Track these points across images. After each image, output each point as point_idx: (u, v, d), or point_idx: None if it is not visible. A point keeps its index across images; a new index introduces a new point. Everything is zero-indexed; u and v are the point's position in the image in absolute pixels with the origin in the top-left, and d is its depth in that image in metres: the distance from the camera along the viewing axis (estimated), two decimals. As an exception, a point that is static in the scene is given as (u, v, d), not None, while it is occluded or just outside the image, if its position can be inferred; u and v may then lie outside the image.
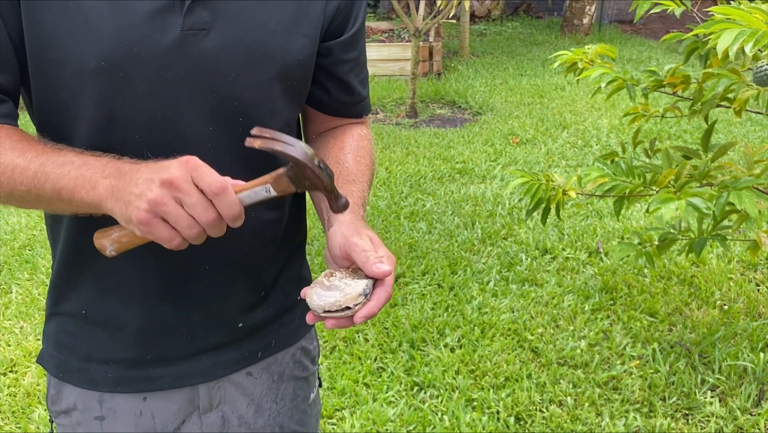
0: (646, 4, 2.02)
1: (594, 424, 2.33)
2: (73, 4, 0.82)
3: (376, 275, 0.85)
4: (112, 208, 0.77)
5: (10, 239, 3.77)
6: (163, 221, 0.74)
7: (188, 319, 0.99)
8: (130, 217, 0.75)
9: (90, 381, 1.00)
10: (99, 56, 0.83)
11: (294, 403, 1.14)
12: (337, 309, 0.83)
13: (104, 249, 0.83)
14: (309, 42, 0.95)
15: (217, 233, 0.78)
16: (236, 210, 0.76)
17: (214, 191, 0.74)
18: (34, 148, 0.83)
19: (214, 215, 0.75)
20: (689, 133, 5.39)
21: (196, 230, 0.75)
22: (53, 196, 0.80)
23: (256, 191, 0.80)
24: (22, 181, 0.81)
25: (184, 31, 0.85)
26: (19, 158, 0.82)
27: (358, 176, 1.01)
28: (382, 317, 2.93)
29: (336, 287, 0.84)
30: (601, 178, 1.87)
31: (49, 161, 0.81)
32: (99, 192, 0.77)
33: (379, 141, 5.34)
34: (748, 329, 2.79)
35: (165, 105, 0.87)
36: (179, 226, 0.74)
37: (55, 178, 0.79)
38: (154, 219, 0.74)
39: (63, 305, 1.00)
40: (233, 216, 0.77)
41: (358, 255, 0.86)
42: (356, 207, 0.95)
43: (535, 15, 12.22)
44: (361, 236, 0.88)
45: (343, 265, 0.90)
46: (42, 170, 0.80)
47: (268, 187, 0.80)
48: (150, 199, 0.73)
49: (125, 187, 0.75)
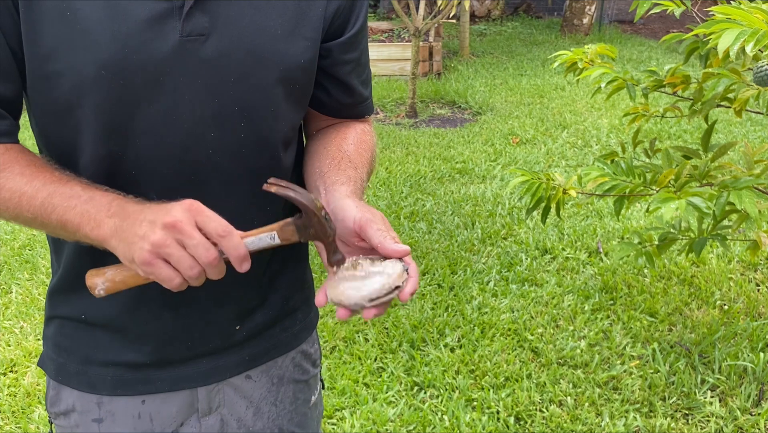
0: (646, 4, 2.02)
1: (594, 424, 2.33)
2: (70, 14, 0.81)
3: (398, 254, 0.83)
4: (116, 247, 0.80)
5: (10, 239, 3.77)
6: (165, 262, 0.77)
7: (188, 323, 0.99)
8: (133, 257, 0.77)
9: (89, 384, 1.00)
10: (98, 65, 0.82)
11: (294, 406, 1.14)
12: (386, 293, 0.81)
13: (94, 288, 0.85)
14: (310, 45, 0.93)
15: (217, 275, 0.80)
16: (242, 251, 0.79)
17: (220, 234, 0.78)
18: (41, 175, 0.84)
19: (214, 255, 0.78)
20: (689, 133, 5.39)
21: (197, 271, 0.78)
22: (58, 226, 0.83)
23: (260, 238, 0.83)
24: (28, 209, 0.83)
25: (183, 37, 0.84)
26: (27, 186, 0.83)
27: (358, 164, 1.00)
28: (382, 317, 2.93)
29: (374, 273, 0.83)
30: (601, 177, 1.87)
31: (57, 193, 0.82)
32: (104, 231, 0.80)
33: (379, 141, 5.34)
34: (748, 329, 2.79)
35: (165, 111, 0.86)
36: (181, 267, 0.77)
37: (62, 211, 0.82)
38: (156, 260, 0.77)
39: (63, 309, 1.00)
40: (239, 257, 0.79)
41: (374, 233, 0.84)
42: (359, 191, 0.94)
43: (535, 15, 12.22)
44: (374, 214, 0.87)
45: (349, 241, 0.88)
46: (49, 201, 0.82)
47: (273, 235, 0.84)
48: (153, 241, 0.76)
49: (129, 228, 0.78)
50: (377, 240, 0.84)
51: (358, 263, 0.85)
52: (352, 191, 0.92)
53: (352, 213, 0.87)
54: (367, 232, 0.85)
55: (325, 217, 0.83)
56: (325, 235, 0.84)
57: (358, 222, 0.86)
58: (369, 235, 0.85)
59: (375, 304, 0.81)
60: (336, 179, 0.94)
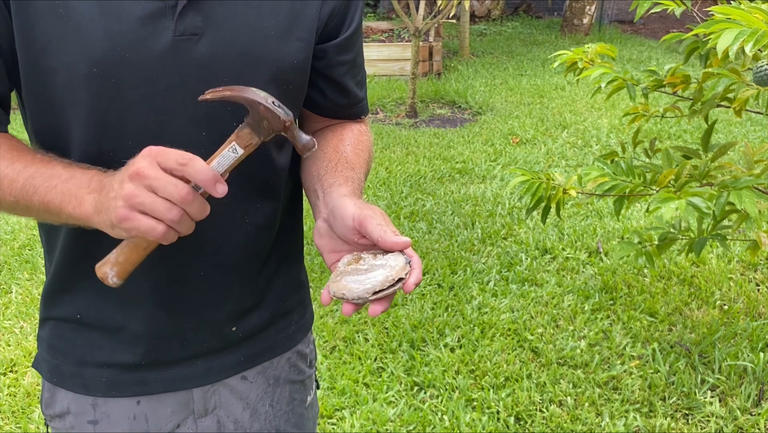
0: (646, 3, 2.02)
1: (594, 424, 2.33)
2: (63, 11, 0.81)
3: (399, 246, 0.83)
4: (99, 222, 0.78)
5: (10, 239, 3.77)
6: (142, 213, 0.75)
7: (183, 324, 0.99)
8: (111, 220, 0.76)
9: (83, 386, 1.00)
10: (90, 62, 0.82)
11: (290, 406, 1.14)
12: (390, 285, 0.80)
13: (106, 277, 0.83)
14: (304, 45, 0.93)
15: (199, 212, 0.78)
16: (210, 173, 0.76)
17: (181, 163, 0.75)
18: (23, 158, 0.84)
19: (185, 190, 0.75)
20: (689, 133, 5.39)
21: (176, 212, 0.75)
22: (41, 209, 0.82)
23: (223, 155, 0.81)
24: (10, 192, 0.83)
25: (176, 37, 0.84)
26: (8, 168, 0.83)
27: (356, 165, 1.00)
28: (382, 317, 2.92)
29: (377, 266, 0.82)
30: (601, 177, 1.87)
31: (38, 173, 0.82)
32: (86, 208, 0.79)
33: (379, 141, 5.34)
34: (748, 329, 2.79)
35: (158, 111, 0.86)
36: (157, 212, 0.75)
37: (43, 191, 0.81)
38: (132, 213, 0.75)
39: (57, 310, 1.00)
40: (209, 180, 0.76)
41: (374, 228, 0.83)
42: (357, 191, 0.93)
43: (535, 15, 12.22)
44: (373, 210, 0.86)
45: (349, 239, 0.87)
46: (30, 183, 0.81)
47: (234, 146, 0.81)
48: (123, 195, 0.74)
49: (104, 197, 0.77)
50: (377, 234, 0.83)
51: (360, 257, 0.85)
52: (350, 191, 0.92)
53: (350, 210, 0.86)
54: (366, 227, 0.84)
55: (274, 103, 0.81)
56: (279, 121, 0.81)
57: (357, 218, 0.85)
58: (369, 230, 0.84)
59: (379, 297, 0.80)
60: (333, 181, 0.94)
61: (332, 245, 0.90)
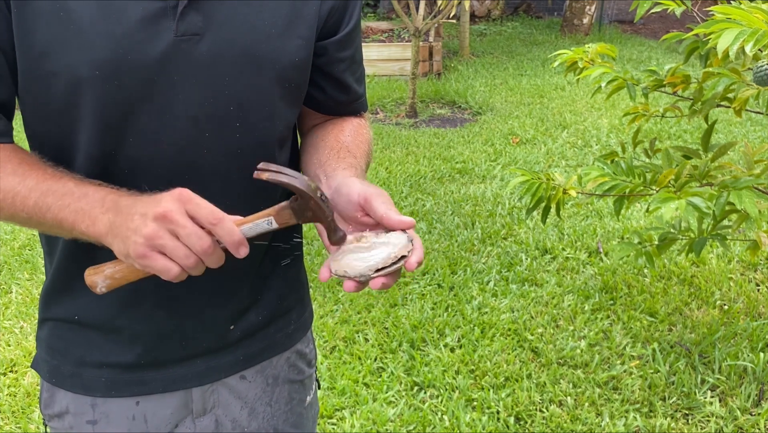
0: (647, 3, 2.02)
1: (594, 424, 2.33)
2: (64, 14, 0.81)
3: (403, 225, 0.83)
4: (111, 243, 0.79)
5: (10, 238, 3.77)
6: (161, 254, 0.77)
7: (182, 323, 0.99)
8: (129, 252, 0.77)
9: (83, 386, 1.00)
10: (92, 65, 0.82)
11: (289, 406, 1.13)
12: (392, 262, 0.80)
13: (95, 286, 0.84)
14: (304, 44, 0.93)
15: (216, 262, 0.80)
16: (237, 237, 0.78)
17: (212, 222, 0.77)
18: (34, 173, 0.84)
19: (208, 243, 0.77)
20: (689, 133, 5.39)
21: (193, 260, 0.77)
22: (54, 225, 0.83)
23: (257, 224, 0.82)
24: (23, 209, 0.83)
25: (178, 37, 0.84)
26: (20, 185, 0.83)
27: (357, 154, 1.00)
28: (382, 317, 2.93)
29: (380, 244, 0.82)
30: (601, 177, 1.87)
31: (50, 191, 0.82)
32: (99, 228, 0.80)
33: (379, 141, 5.34)
34: (748, 329, 2.79)
35: (159, 111, 0.86)
36: (176, 257, 0.77)
37: (56, 209, 0.81)
38: (151, 252, 0.76)
39: (56, 310, 1.00)
40: (234, 243, 0.78)
41: (378, 206, 0.84)
42: (361, 175, 0.94)
43: (535, 15, 12.22)
44: (379, 190, 0.87)
45: (352, 216, 0.87)
46: (43, 200, 0.82)
47: (270, 220, 0.82)
48: (146, 234, 0.75)
49: (122, 223, 0.78)
50: (382, 211, 0.83)
51: (362, 236, 0.85)
52: (354, 174, 0.92)
53: (356, 187, 0.87)
54: (371, 204, 0.85)
55: (322, 198, 0.82)
56: (323, 216, 0.82)
57: (363, 195, 0.86)
58: (374, 207, 0.84)
59: (381, 274, 0.80)
60: (337, 165, 0.95)
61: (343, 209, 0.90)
